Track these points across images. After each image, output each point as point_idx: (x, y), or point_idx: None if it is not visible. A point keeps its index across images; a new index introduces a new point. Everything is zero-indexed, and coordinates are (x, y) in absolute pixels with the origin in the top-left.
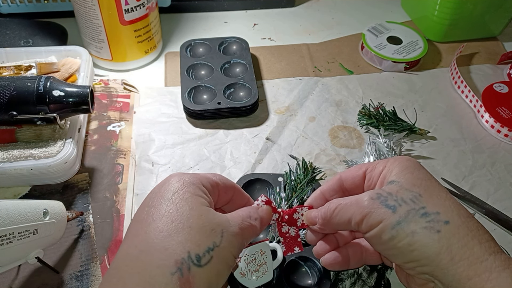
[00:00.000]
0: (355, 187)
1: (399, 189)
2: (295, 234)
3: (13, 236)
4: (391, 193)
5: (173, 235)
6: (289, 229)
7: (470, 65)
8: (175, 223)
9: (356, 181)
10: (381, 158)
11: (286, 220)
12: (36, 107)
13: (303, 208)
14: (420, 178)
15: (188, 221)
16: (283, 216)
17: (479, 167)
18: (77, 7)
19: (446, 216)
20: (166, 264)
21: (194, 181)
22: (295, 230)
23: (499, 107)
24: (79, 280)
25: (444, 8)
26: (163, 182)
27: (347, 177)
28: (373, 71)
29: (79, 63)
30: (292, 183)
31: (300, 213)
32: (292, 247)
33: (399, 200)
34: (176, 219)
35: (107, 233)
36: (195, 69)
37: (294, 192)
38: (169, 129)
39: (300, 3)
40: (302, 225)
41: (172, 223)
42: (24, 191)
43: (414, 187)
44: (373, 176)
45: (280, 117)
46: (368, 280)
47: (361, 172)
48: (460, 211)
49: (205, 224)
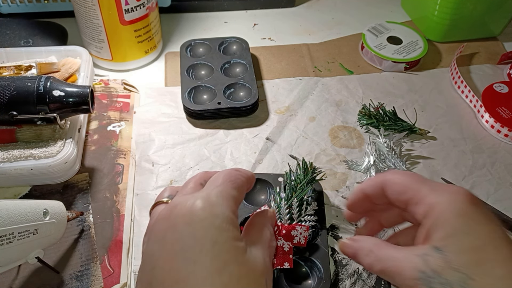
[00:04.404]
0: (398, 202)
1: (445, 267)
2: (288, 249)
3: (13, 236)
4: (436, 273)
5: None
6: (283, 244)
7: (470, 65)
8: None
9: (398, 200)
10: (381, 158)
11: (283, 234)
12: (36, 107)
13: (302, 227)
14: (473, 247)
15: (239, 283)
16: (280, 230)
17: (479, 167)
18: (77, 7)
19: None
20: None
21: (226, 216)
22: (289, 246)
23: (499, 107)
24: (79, 280)
25: (444, 8)
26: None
27: (390, 190)
28: (373, 71)
29: (79, 63)
30: (292, 183)
31: (299, 231)
32: (282, 262)
33: (446, 284)
34: (227, 282)
35: (107, 233)
36: (195, 69)
37: (294, 192)
38: (169, 129)
39: (300, 3)
40: (297, 243)
41: (223, 285)
42: (24, 191)
43: (463, 265)
44: (418, 213)
45: (280, 117)
46: (368, 280)
47: (404, 198)
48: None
49: (254, 280)
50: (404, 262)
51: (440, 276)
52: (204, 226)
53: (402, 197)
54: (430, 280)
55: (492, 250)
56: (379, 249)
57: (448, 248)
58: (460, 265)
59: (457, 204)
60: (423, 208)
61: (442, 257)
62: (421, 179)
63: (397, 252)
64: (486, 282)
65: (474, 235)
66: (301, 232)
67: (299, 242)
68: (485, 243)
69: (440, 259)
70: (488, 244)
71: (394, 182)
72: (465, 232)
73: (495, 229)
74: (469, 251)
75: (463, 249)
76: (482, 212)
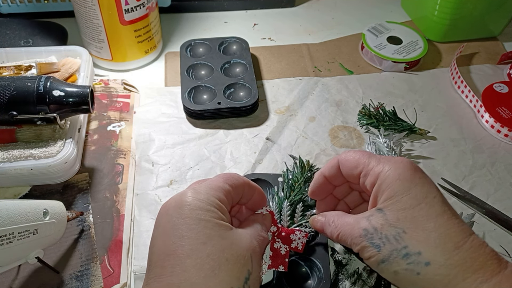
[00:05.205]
0: (352, 178)
1: (384, 224)
2: (285, 253)
3: (13, 236)
4: (376, 229)
5: (214, 272)
6: (280, 246)
7: (470, 65)
8: (211, 257)
9: (352, 175)
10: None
11: (282, 236)
12: (36, 107)
13: (302, 233)
14: (407, 207)
15: (223, 253)
16: (280, 232)
17: (479, 167)
18: (77, 7)
19: (428, 256)
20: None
21: (211, 201)
22: (286, 249)
23: (499, 107)
24: (79, 280)
25: (444, 8)
26: (178, 205)
27: (344, 167)
28: (373, 71)
29: (79, 63)
30: (289, 182)
31: (298, 236)
32: (277, 264)
33: (383, 238)
34: (211, 252)
35: (107, 233)
36: (195, 69)
37: (292, 191)
38: (169, 129)
39: (300, 3)
40: (295, 248)
41: (208, 257)
42: (24, 191)
43: (399, 221)
44: (367, 183)
45: (280, 117)
46: (368, 280)
47: (356, 172)
48: (446, 245)
49: (237, 253)
50: (353, 224)
51: (379, 232)
52: (191, 208)
53: (354, 172)
54: (371, 236)
55: (425, 208)
56: (338, 218)
57: (388, 208)
58: (396, 221)
59: (398, 170)
60: (371, 178)
61: (382, 216)
62: (369, 154)
63: (350, 218)
64: (417, 234)
65: (410, 195)
66: (299, 237)
67: (296, 247)
68: (420, 202)
69: (381, 218)
70: (423, 203)
71: (346, 159)
72: (403, 193)
73: (430, 189)
74: (405, 209)
75: (400, 208)
76: (420, 176)
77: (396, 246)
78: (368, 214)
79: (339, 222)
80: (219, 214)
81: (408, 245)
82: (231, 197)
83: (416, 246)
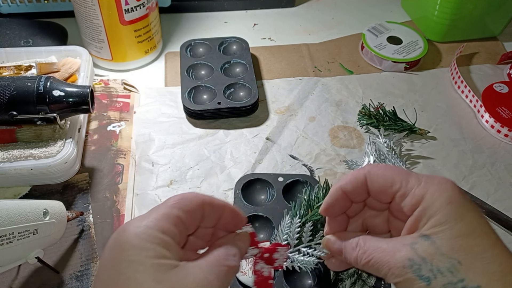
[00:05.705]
0: (383, 196)
1: (435, 254)
2: (267, 274)
3: (13, 236)
4: (425, 259)
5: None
6: (262, 268)
7: (470, 65)
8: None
9: (384, 193)
10: (381, 158)
11: (265, 258)
12: (36, 107)
13: (283, 248)
14: (462, 235)
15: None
16: (262, 254)
17: (479, 167)
18: (77, 7)
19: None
20: None
21: (149, 235)
22: (269, 271)
23: (499, 107)
24: (79, 280)
25: (444, 8)
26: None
27: (374, 183)
28: (373, 71)
29: (79, 63)
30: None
31: (280, 253)
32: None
33: (435, 270)
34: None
35: (107, 233)
36: (195, 69)
37: (310, 210)
38: (169, 129)
39: (300, 3)
40: (278, 266)
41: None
42: (24, 191)
43: (453, 251)
44: (406, 205)
45: (280, 117)
46: (368, 280)
47: (391, 191)
48: (506, 277)
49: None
50: (392, 252)
51: (429, 263)
52: (122, 248)
53: (388, 190)
54: (418, 267)
55: (480, 236)
56: (365, 242)
57: (439, 236)
58: (450, 250)
59: (447, 193)
60: (412, 200)
61: (431, 244)
62: (405, 171)
63: (384, 243)
64: (474, 265)
65: (464, 222)
66: (282, 253)
67: (279, 265)
68: (474, 229)
69: (429, 246)
70: (477, 230)
71: (378, 175)
72: (457, 219)
73: (481, 215)
74: (459, 237)
75: (453, 236)
76: (468, 200)
77: (451, 279)
78: (410, 241)
79: (369, 247)
80: (158, 251)
81: (465, 278)
82: (183, 224)
83: (474, 279)
